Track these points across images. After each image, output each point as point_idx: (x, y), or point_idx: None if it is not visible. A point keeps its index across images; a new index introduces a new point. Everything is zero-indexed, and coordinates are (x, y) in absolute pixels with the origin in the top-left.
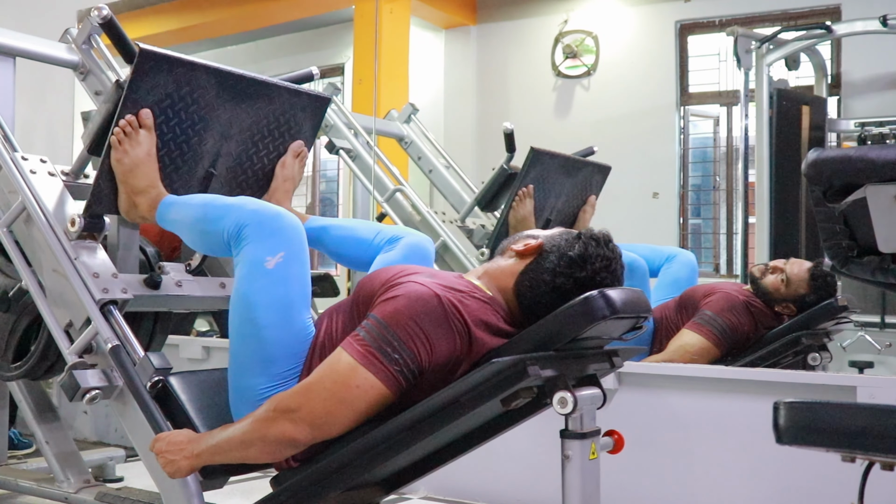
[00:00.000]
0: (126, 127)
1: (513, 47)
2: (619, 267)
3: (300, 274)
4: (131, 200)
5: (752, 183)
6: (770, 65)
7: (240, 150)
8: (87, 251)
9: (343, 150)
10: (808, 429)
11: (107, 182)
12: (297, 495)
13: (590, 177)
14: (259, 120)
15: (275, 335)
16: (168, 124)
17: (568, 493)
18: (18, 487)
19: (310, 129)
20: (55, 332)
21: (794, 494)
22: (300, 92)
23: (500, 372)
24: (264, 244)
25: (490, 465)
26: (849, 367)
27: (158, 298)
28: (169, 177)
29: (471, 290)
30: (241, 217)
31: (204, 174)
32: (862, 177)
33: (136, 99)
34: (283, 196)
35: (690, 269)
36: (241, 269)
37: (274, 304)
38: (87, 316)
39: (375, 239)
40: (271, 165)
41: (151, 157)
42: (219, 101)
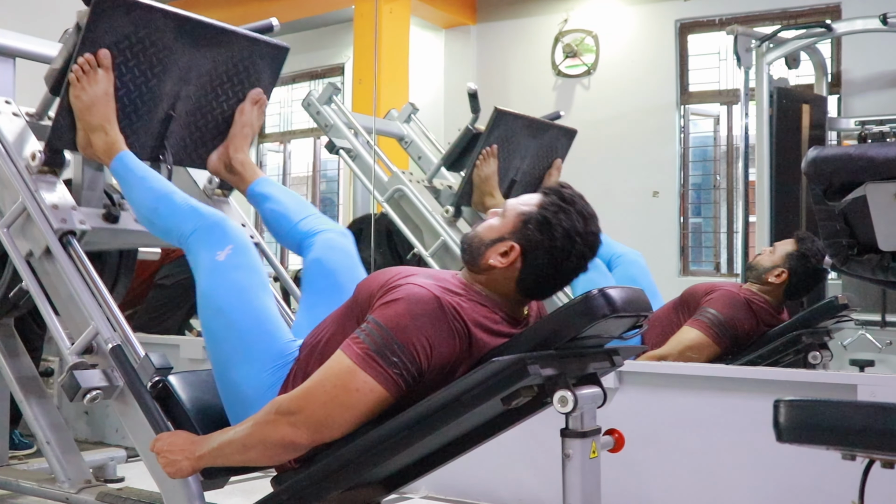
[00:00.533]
0: (84, 65)
1: (513, 47)
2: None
3: (250, 262)
4: (88, 137)
5: (752, 182)
6: (770, 63)
7: (199, 95)
8: (48, 185)
9: (343, 149)
10: (809, 427)
11: (66, 118)
12: (297, 495)
13: (555, 140)
14: (217, 65)
15: (241, 317)
16: (126, 65)
17: (568, 492)
18: (20, 488)
19: (268, 78)
20: (17, 262)
21: (794, 493)
22: (258, 40)
23: (500, 371)
24: (212, 244)
25: (491, 464)
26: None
27: (117, 232)
28: (128, 117)
29: (469, 291)
30: (190, 225)
31: (163, 116)
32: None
33: (94, 39)
34: (242, 141)
35: (642, 268)
36: (198, 273)
37: (232, 288)
38: (47, 246)
39: (300, 224)
40: (230, 111)
41: (108, 96)
42: (177, 45)
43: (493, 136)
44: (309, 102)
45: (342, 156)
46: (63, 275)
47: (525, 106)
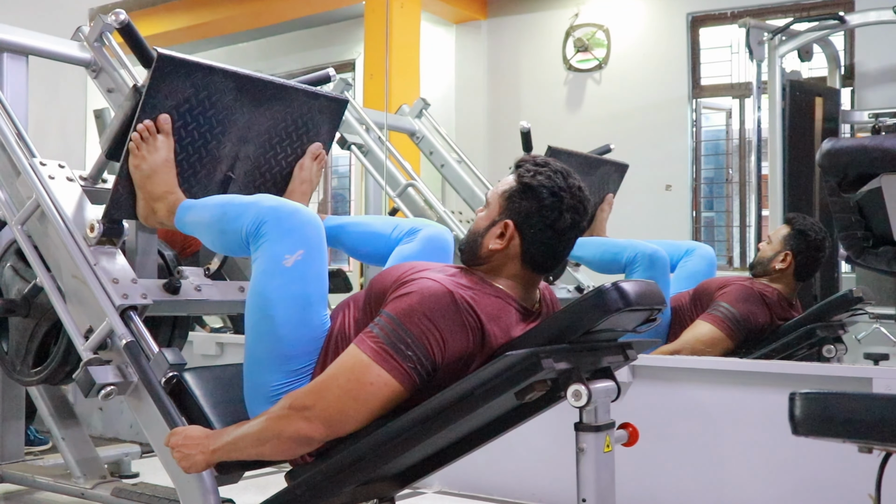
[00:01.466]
0: (144, 132)
1: (524, 41)
2: (563, 166)
3: (318, 272)
4: (150, 206)
5: (765, 175)
6: (783, 56)
7: (258, 154)
8: (107, 257)
9: (355, 145)
10: (825, 420)
11: (125, 187)
12: (312, 489)
13: (607, 175)
14: (277, 123)
15: (291, 333)
16: (186, 129)
17: (583, 486)
18: (35, 483)
19: (327, 132)
20: (73, 335)
21: (810, 486)
22: (318, 94)
23: (513, 365)
24: (283, 242)
25: (504, 459)
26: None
27: (178, 303)
28: (187, 181)
29: (481, 284)
30: (260, 214)
31: (222, 178)
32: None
33: (153, 104)
34: (300, 198)
35: (708, 263)
36: (258, 266)
37: (291, 301)
38: (107, 321)
39: (393, 233)
40: (289, 168)
41: (169, 163)
42: (237, 105)
43: None
44: None
45: (354, 151)
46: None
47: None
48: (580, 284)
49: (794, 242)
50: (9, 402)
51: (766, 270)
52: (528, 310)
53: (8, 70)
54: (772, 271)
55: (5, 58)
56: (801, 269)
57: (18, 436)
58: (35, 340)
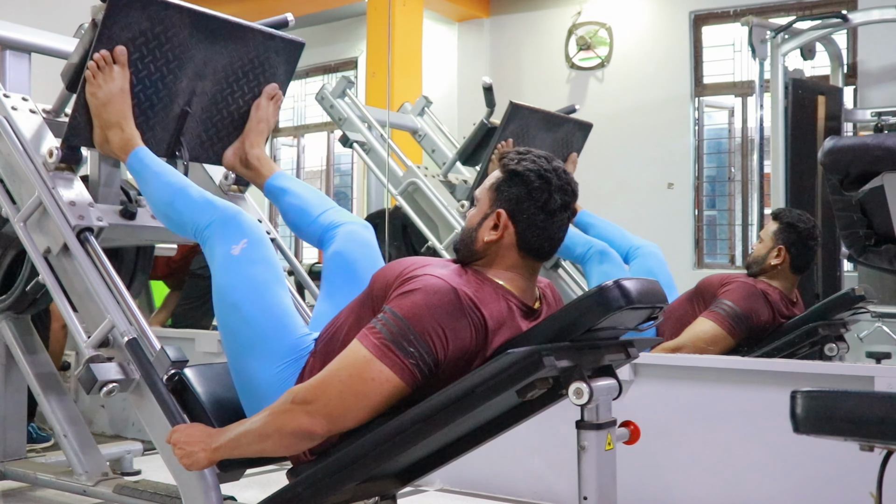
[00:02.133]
0: (100, 61)
1: (526, 39)
2: (544, 152)
3: (265, 256)
4: (104, 134)
5: (767, 174)
6: (785, 55)
7: (214, 91)
8: (65, 182)
9: (357, 143)
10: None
11: (82, 115)
12: (313, 486)
13: (571, 133)
14: (233, 61)
15: (256, 312)
16: (143, 61)
17: (584, 484)
18: (37, 480)
19: (284, 73)
20: (36, 261)
21: (811, 484)
22: (273, 35)
23: (515, 363)
24: (227, 238)
25: (506, 456)
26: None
27: (134, 229)
28: (144, 113)
29: (482, 280)
30: (205, 218)
31: (179, 112)
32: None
33: (110, 35)
34: (257, 137)
35: (659, 260)
36: (213, 267)
37: (247, 283)
38: (64, 242)
39: (320, 217)
40: (246, 107)
41: (125, 93)
42: (193, 41)
43: (509, 130)
44: (322, 96)
45: (356, 149)
46: (80, 271)
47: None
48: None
49: (785, 236)
50: (10, 400)
51: (762, 268)
52: (529, 307)
53: (10, 67)
54: (768, 268)
55: (8, 55)
56: (796, 261)
57: (20, 433)
58: (0, 269)
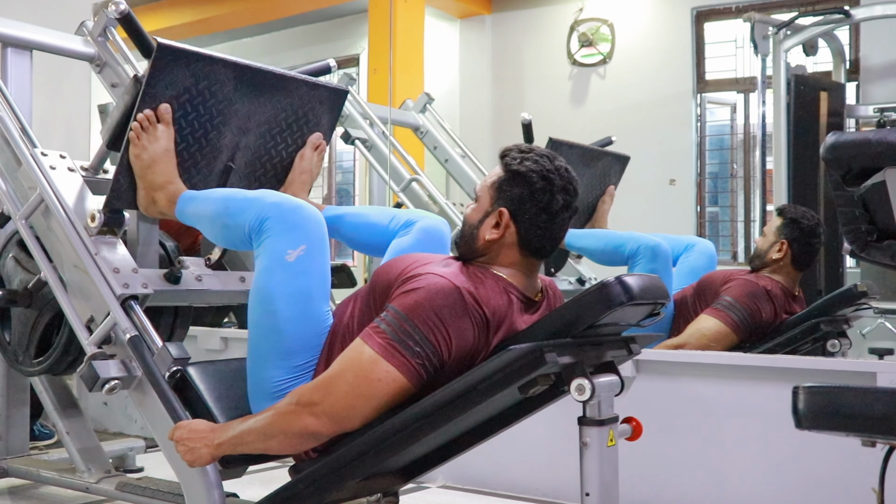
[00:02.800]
0: (144, 122)
1: (528, 36)
2: (547, 151)
3: (320, 267)
4: (150, 196)
5: (769, 170)
6: (787, 51)
7: (258, 144)
8: (107, 246)
9: (359, 140)
10: (828, 413)
11: (126, 177)
12: (315, 484)
13: (608, 167)
14: (277, 113)
15: (294, 328)
16: (186, 119)
17: (586, 481)
18: (40, 478)
19: (328, 122)
20: (76, 326)
21: (813, 480)
22: (318, 84)
23: (517, 359)
24: (285, 237)
25: (508, 453)
26: (868, 354)
27: (178, 293)
28: (188, 171)
29: (486, 277)
30: (263, 210)
31: (223, 168)
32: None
33: (154, 94)
34: (300, 188)
35: (709, 258)
36: (261, 262)
37: (294, 296)
38: (108, 311)
39: (391, 224)
40: (290, 158)
41: (170, 153)
42: (237, 95)
43: None
44: None
45: (358, 146)
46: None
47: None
48: (582, 276)
49: (788, 231)
50: (13, 397)
51: (763, 263)
52: (530, 300)
53: (12, 65)
54: (770, 262)
55: (10, 53)
56: (798, 257)
57: (23, 430)
58: (37, 331)
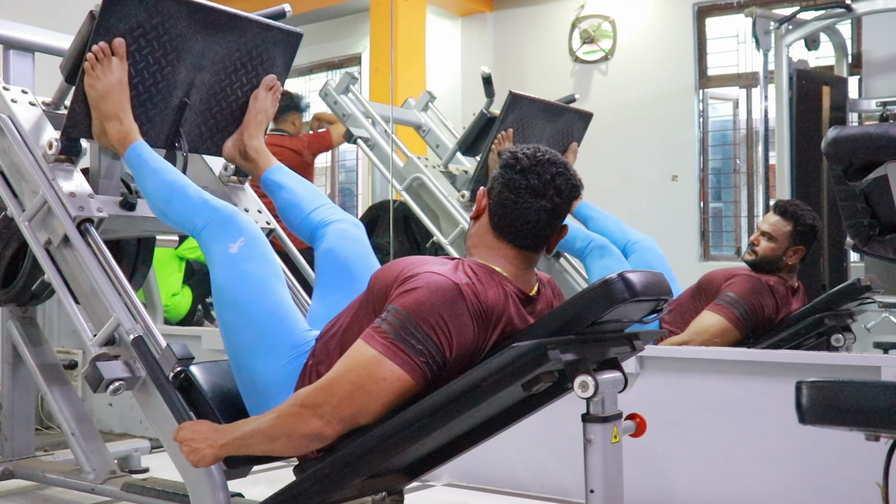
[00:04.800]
0: (98, 53)
1: (529, 33)
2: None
3: (263, 253)
4: (102, 126)
5: (772, 165)
6: (789, 45)
7: (213, 82)
8: (64, 173)
9: (361, 139)
10: (832, 408)
11: (81, 106)
12: (320, 483)
13: (571, 123)
14: (231, 52)
15: (256, 309)
16: (140, 53)
17: (590, 477)
18: (46, 479)
19: (282, 64)
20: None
21: (818, 475)
22: (271, 26)
23: (520, 357)
24: (224, 237)
25: (512, 451)
26: (873, 349)
27: (134, 220)
28: (143, 105)
29: (481, 272)
30: (202, 218)
31: (178, 103)
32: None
33: (108, 27)
34: (256, 128)
35: (657, 254)
36: (212, 266)
37: (246, 280)
38: (65, 233)
39: (312, 214)
40: (245, 98)
41: (123, 85)
42: (190, 32)
43: (508, 119)
44: (326, 92)
45: (360, 145)
46: (82, 263)
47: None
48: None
49: (804, 237)
50: (18, 400)
51: (776, 267)
52: (527, 295)
53: (14, 67)
54: (783, 266)
55: (12, 55)
56: (806, 256)
57: (28, 432)
58: (2, 262)
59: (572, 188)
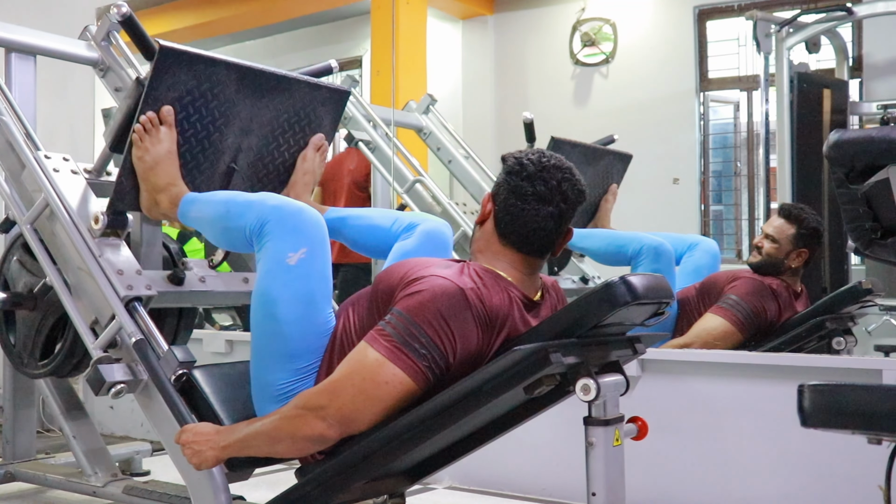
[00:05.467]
0: (147, 124)
1: (530, 36)
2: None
3: (322, 269)
4: (153, 198)
5: (773, 168)
6: (790, 48)
7: (260, 145)
8: (111, 248)
9: (362, 142)
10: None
11: (129, 179)
12: (322, 486)
13: (611, 165)
14: (279, 114)
15: (296, 331)
16: (189, 120)
17: (592, 480)
18: (47, 481)
19: (329, 123)
20: (81, 329)
21: (820, 478)
22: (320, 85)
23: (522, 360)
24: (286, 240)
25: (514, 454)
26: (874, 352)
27: (182, 294)
28: (191, 173)
29: (485, 276)
30: (264, 213)
31: (225, 169)
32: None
33: (156, 96)
34: (303, 189)
35: (712, 257)
36: (263, 265)
37: (296, 300)
38: (112, 313)
39: (393, 227)
40: (292, 159)
41: (172, 155)
42: (239, 97)
43: None
44: None
45: (361, 148)
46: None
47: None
48: (585, 275)
49: (807, 240)
50: (20, 402)
51: (780, 270)
52: (531, 300)
53: (16, 70)
54: (786, 269)
55: (14, 58)
56: (810, 260)
57: (30, 435)
58: (42, 333)
59: (578, 193)
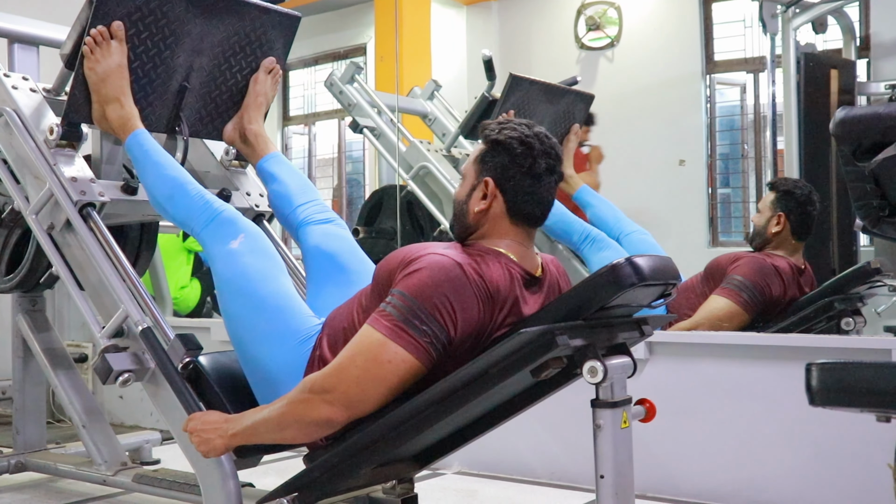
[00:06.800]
0: (97, 37)
1: (535, 21)
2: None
3: (265, 247)
4: (102, 109)
5: (780, 150)
6: (797, 29)
7: (212, 65)
8: (66, 158)
9: (367, 128)
10: (842, 390)
11: (81, 91)
12: (330, 471)
13: (572, 105)
14: (230, 35)
15: (262, 297)
16: (139, 37)
17: (600, 463)
18: (58, 471)
19: (282, 47)
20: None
21: (829, 457)
22: (269, 9)
23: (528, 342)
24: (225, 235)
25: (522, 437)
26: (884, 332)
27: (136, 203)
28: (143, 89)
29: (485, 253)
30: (202, 219)
31: (178, 88)
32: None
33: (106, 11)
34: (256, 112)
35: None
36: (214, 263)
37: (251, 271)
38: (67, 218)
39: (299, 209)
40: (244, 81)
41: (122, 68)
42: (189, 16)
43: (510, 102)
44: (332, 82)
45: (366, 135)
46: (85, 248)
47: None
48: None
49: (783, 203)
50: (29, 393)
51: (764, 239)
52: (531, 275)
53: (19, 60)
54: (770, 237)
55: (17, 48)
56: (796, 227)
57: (40, 425)
58: (7, 249)
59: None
